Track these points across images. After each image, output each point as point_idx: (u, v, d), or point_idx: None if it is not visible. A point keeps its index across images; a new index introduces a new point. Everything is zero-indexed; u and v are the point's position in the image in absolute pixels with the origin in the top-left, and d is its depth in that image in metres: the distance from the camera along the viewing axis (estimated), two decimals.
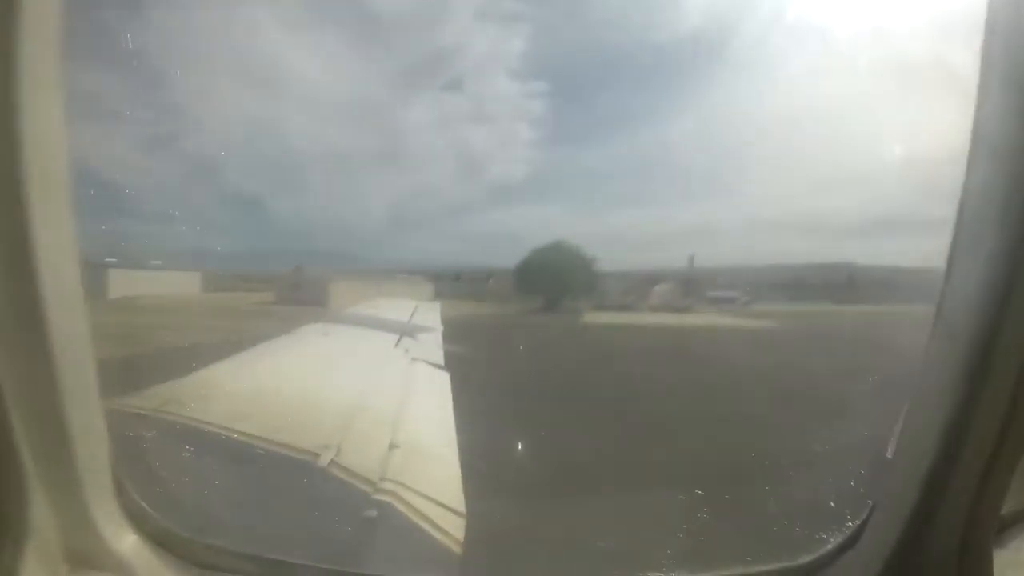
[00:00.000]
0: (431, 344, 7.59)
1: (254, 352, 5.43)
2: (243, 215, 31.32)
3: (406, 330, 8.02)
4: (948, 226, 1.31)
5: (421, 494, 2.73)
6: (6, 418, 1.20)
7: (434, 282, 27.11)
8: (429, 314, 11.33)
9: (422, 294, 21.73)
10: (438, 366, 6.18)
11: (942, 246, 1.32)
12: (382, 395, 4.31)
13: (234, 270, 25.13)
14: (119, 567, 1.39)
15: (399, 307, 11.59)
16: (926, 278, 1.57)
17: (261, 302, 21.49)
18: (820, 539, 1.59)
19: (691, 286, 27.76)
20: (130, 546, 1.43)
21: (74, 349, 1.30)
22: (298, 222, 33.85)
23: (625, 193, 35.98)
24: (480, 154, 40.22)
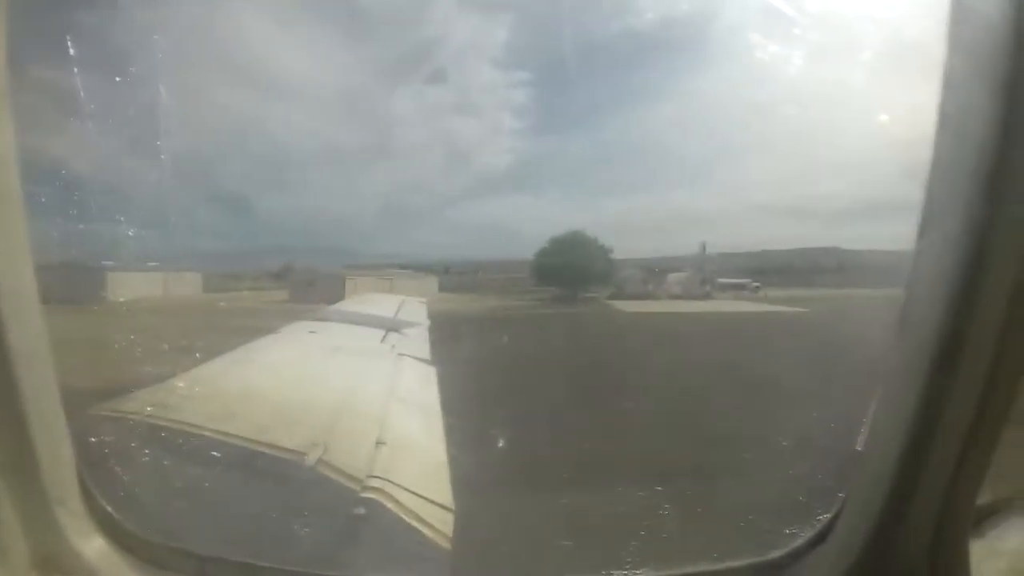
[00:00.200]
0: (418, 339, 7.56)
1: (240, 352, 5.37)
2: (229, 213, 30.92)
3: (393, 326, 7.98)
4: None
5: (409, 490, 2.74)
6: None
7: (438, 276, 27.05)
8: (415, 308, 11.26)
9: (424, 288, 21.58)
10: (424, 360, 6.16)
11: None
12: (369, 392, 4.30)
13: (220, 269, 24.82)
14: (86, 571, 1.38)
15: (385, 303, 11.50)
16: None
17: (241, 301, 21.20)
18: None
19: (706, 274, 28.06)
20: (97, 550, 1.42)
21: (33, 356, 1.29)
22: (284, 218, 33.47)
23: (616, 180, 36.17)
24: (466, 145, 40.06)
